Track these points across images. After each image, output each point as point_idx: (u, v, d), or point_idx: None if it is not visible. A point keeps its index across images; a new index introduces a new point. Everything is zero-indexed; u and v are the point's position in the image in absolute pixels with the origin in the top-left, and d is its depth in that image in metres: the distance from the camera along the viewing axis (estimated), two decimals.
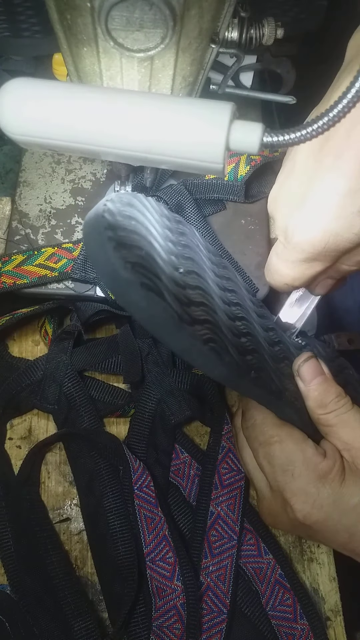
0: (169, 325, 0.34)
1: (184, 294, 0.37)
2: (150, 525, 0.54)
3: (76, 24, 0.38)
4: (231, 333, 0.40)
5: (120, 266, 0.33)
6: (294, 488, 0.44)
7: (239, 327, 0.43)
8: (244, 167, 0.63)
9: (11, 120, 0.38)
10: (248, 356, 0.40)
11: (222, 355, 0.36)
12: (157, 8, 0.35)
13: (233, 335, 0.40)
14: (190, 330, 0.34)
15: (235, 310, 0.45)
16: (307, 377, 0.47)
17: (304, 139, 0.36)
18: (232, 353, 0.37)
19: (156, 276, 0.34)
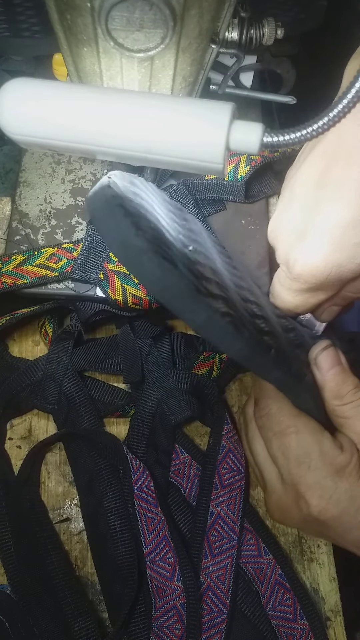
0: (186, 295, 0.32)
1: (196, 268, 0.35)
2: (150, 526, 0.54)
3: (76, 24, 0.38)
4: (246, 312, 0.38)
5: (132, 233, 0.31)
6: (309, 481, 0.43)
7: (253, 309, 0.41)
8: (244, 167, 0.63)
9: (11, 120, 0.38)
10: (265, 336, 0.38)
11: (241, 330, 0.34)
12: (157, 8, 0.36)
13: (248, 314, 0.39)
14: (208, 302, 0.32)
15: (245, 293, 0.43)
16: (325, 366, 0.46)
17: (304, 139, 0.36)
18: (251, 330, 0.35)
19: (167, 247, 0.33)
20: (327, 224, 0.42)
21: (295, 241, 0.44)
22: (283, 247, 0.46)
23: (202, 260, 0.38)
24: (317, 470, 0.43)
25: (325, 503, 0.42)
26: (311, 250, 0.43)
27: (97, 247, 0.59)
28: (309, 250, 0.43)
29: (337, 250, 0.42)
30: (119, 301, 0.57)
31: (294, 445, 0.44)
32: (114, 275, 0.57)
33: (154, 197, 0.41)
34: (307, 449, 0.43)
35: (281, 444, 0.44)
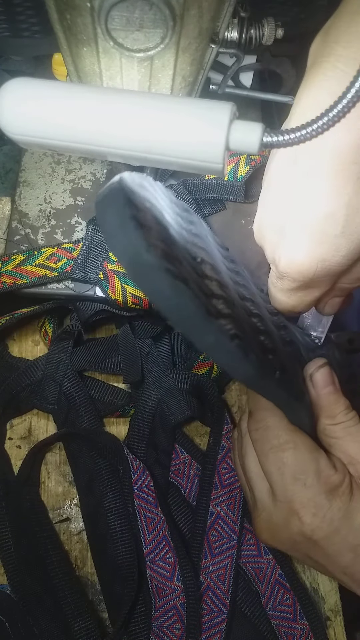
0: (196, 317, 0.31)
1: (204, 284, 0.34)
2: (150, 525, 0.54)
3: (76, 24, 0.38)
4: (251, 330, 0.38)
5: (143, 248, 0.29)
6: (304, 499, 0.42)
7: (256, 324, 0.40)
8: (244, 167, 0.63)
9: (11, 120, 0.38)
10: (269, 355, 0.38)
11: (248, 352, 0.33)
12: (157, 8, 0.35)
13: (253, 331, 0.38)
14: (218, 324, 0.31)
15: (248, 305, 0.42)
16: (321, 383, 0.46)
17: (304, 139, 0.36)
18: (256, 351, 0.35)
19: (179, 262, 0.31)
20: (303, 219, 0.40)
21: (278, 239, 0.43)
22: (268, 246, 0.45)
23: (209, 273, 0.37)
24: (312, 487, 0.42)
25: (319, 521, 0.41)
26: (293, 247, 0.41)
27: (96, 247, 0.59)
28: (290, 247, 0.41)
29: (318, 244, 0.40)
30: (119, 301, 0.57)
31: (290, 461, 0.43)
32: (113, 275, 0.57)
33: (163, 200, 0.40)
34: (304, 466, 0.42)
35: (277, 458, 0.43)
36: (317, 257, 0.41)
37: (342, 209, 0.39)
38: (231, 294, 0.38)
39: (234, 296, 0.38)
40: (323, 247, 0.41)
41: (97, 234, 0.60)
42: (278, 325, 0.47)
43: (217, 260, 0.41)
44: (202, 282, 0.34)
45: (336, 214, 0.39)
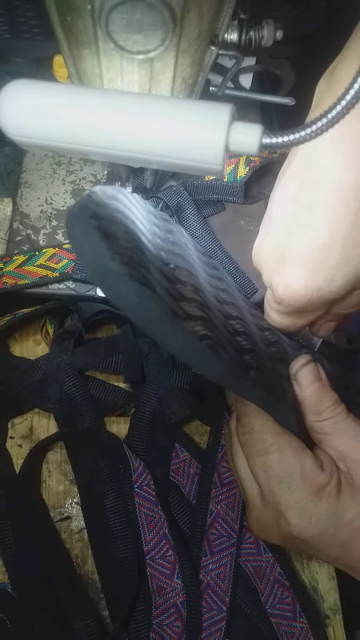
0: (162, 320, 0.31)
1: (176, 288, 0.35)
2: (151, 524, 0.54)
3: (77, 25, 0.38)
4: (227, 331, 0.38)
5: (107, 257, 0.30)
6: (290, 501, 0.42)
7: (234, 326, 0.41)
8: (243, 168, 0.63)
9: (12, 121, 0.38)
10: (245, 355, 0.38)
11: (220, 352, 0.34)
12: (157, 10, 0.36)
13: (229, 333, 0.39)
14: (185, 326, 0.32)
15: (228, 308, 0.44)
16: (305, 381, 0.46)
17: (303, 140, 0.36)
18: (230, 351, 0.35)
19: (146, 269, 0.32)
20: (302, 249, 0.42)
21: (276, 266, 0.45)
22: (266, 271, 0.47)
23: (183, 278, 0.38)
24: (297, 490, 0.42)
25: (305, 523, 0.42)
26: (290, 275, 0.43)
27: None
28: (288, 275, 0.43)
29: (314, 274, 0.42)
30: None
31: (275, 464, 0.43)
32: None
33: (138, 210, 0.41)
34: (289, 469, 0.43)
35: (263, 462, 0.44)
36: (313, 286, 0.43)
37: (340, 240, 0.41)
38: (207, 297, 0.39)
39: (209, 300, 0.39)
40: (319, 276, 0.42)
41: None
42: (261, 327, 0.48)
43: (195, 266, 0.42)
44: (172, 287, 0.35)
45: (334, 245, 0.41)
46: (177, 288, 0.35)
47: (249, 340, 0.41)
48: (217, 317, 0.38)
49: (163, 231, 0.42)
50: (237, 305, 0.45)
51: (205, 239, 0.60)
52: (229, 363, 0.34)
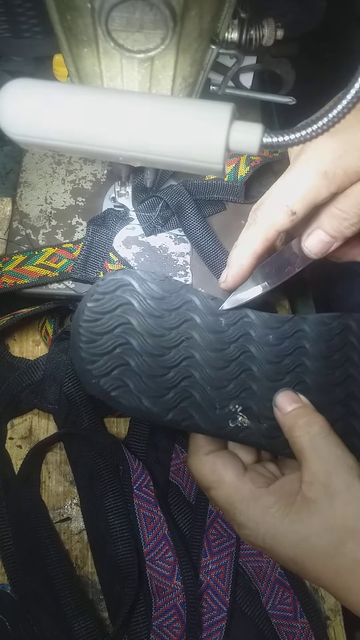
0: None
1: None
2: (150, 525, 0.54)
3: (76, 24, 0.38)
4: (151, 378, 0.45)
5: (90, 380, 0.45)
6: (237, 523, 0.45)
7: (166, 374, 0.46)
8: (244, 168, 0.63)
9: (12, 120, 0.38)
10: (169, 392, 0.45)
11: (120, 401, 0.44)
12: (158, 9, 0.36)
13: (153, 378, 0.45)
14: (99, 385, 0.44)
15: (180, 354, 0.47)
16: (284, 404, 0.47)
17: (304, 140, 0.36)
18: (145, 394, 0.45)
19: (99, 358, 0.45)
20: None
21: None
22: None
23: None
24: (241, 514, 0.44)
25: (253, 540, 0.44)
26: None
27: (97, 247, 0.59)
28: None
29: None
30: None
31: (216, 499, 0.46)
32: None
33: (148, 293, 0.48)
34: (229, 499, 0.45)
35: (210, 496, 0.47)
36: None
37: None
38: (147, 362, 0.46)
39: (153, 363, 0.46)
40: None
41: (97, 234, 0.60)
42: (222, 345, 0.49)
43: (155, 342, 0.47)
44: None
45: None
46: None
47: (180, 377, 0.47)
48: (144, 366, 0.46)
49: (158, 312, 0.48)
50: (193, 339, 0.48)
51: (206, 239, 0.60)
52: (133, 409, 0.45)
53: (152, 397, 0.45)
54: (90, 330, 0.45)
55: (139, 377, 0.45)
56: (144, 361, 0.45)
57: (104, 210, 0.63)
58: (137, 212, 0.63)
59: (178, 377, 0.46)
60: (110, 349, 0.45)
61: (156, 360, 0.46)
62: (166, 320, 0.48)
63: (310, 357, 0.51)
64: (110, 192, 0.65)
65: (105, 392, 0.44)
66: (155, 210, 0.62)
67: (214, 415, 0.46)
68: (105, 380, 0.44)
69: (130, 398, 0.44)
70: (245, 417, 0.47)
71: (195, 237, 0.60)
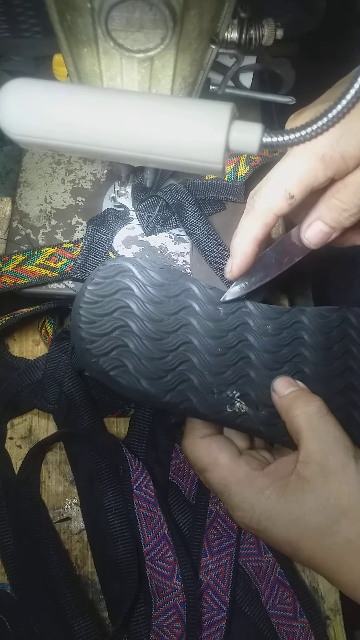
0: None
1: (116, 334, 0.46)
2: (150, 525, 0.54)
3: (76, 24, 0.38)
4: (149, 359, 0.45)
5: (82, 342, 0.45)
6: (231, 505, 0.45)
7: (164, 356, 0.46)
8: (244, 168, 0.63)
9: (11, 120, 0.38)
10: (166, 375, 0.46)
11: (119, 378, 0.44)
12: (157, 9, 0.36)
13: (153, 360, 0.46)
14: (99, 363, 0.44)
15: (179, 339, 0.48)
16: (281, 388, 0.48)
17: (304, 140, 0.36)
18: (144, 374, 0.45)
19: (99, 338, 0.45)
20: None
21: None
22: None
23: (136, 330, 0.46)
24: (236, 496, 0.45)
25: (247, 522, 0.44)
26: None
27: (97, 246, 0.59)
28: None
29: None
30: None
31: (211, 480, 0.46)
32: None
33: (148, 280, 0.48)
34: (223, 481, 0.46)
35: (204, 479, 0.48)
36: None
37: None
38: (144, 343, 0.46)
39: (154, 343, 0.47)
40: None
41: (97, 234, 0.60)
42: (221, 333, 0.50)
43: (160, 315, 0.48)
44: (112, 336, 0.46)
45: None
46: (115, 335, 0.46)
47: (178, 361, 0.47)
48: (143, 350, 0.46)
49: (156, 289, 0.49)
50: (198, 334, 0.49)
51: (207, 236, 0.60)
52: (132, 389, 0.45)
53: (151, 378, 0.45)
54: (90, 311, 0.45)
55: (138, 358, 0.45)
56: (143, 344, 0.46)
57: (104, 210, 0.63)
58: (136, 211, 0.63)
59: (176, 361, 0.46)
60: (109, 330, 0.45)
61: (154, 343, 0.46)
62: (165, 307, 0.48)
63: (309, 348, 0.51)
64: (110, 192, 0.65)
65: (104, 371, 0.44)
66: (155, 210, 0.62)
67: (212, 400, 0.46)
68: (104, 360, 0.44)
69: (129, 378, 0.44)
70: (243, 403, 0.47)
71: (195, 235, 0.60)
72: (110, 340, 0.45)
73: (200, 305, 0.50)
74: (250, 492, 0.44)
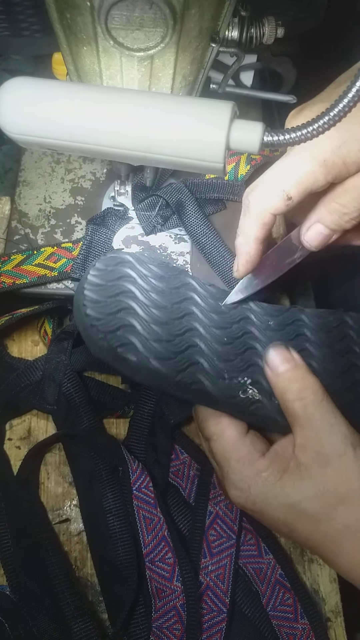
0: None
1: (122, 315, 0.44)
2: (149, 526, 0.53)
3: (76, 22, 0.38)
4: (157, 339, 0.44)
5: (86, 321, 0.43)
6: (229, 482, 0.45)
7: (171, 338, 0.45)
8: (245, 167, 0.63)
9: (11, 119, 0.38)
10: (175, 357, 0.44)
11: (127, 355, 0.42)
12: (157, 7, 0.35)
13: (161, 341, 0.44)
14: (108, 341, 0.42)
15: (186, 323, 0.47)
16: (275, 363, 0.47)
17: (305, 139, 0.36)
18: (152, 353, 0.43)
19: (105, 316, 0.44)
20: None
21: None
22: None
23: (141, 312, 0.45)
24: (234, 473, 0.45)
25: (243, 501, 0.45)
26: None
27: (96, 246, 0.59)
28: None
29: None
30: None
31: (215, 450, 0.46)
32: None
33: (148, 271, 0.49)
34: (226, 454, 0.46)
35: (209, 447, 0.47)
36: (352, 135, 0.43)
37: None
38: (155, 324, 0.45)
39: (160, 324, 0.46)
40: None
41: (96, 233, 0.60)
42: (225, 324, 0.49)
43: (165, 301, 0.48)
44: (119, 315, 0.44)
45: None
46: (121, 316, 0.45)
47: (185, 342, 0.46)
48: (153, 330, 0.45)
49: (158, 288, 0.48)
50: (203, 322, 0.48)
51: (207, 236, 0.60)
52: (141, 367, 0.43)
53: (160, 358, 0.43)
54: (94, 292, 0.44)
55: (145, 339, 0.44)
56: (149, 326, 0.45)
57: (104, 210, 0.63)
58: (136, 211, 0.62)
59: (184, 344, 0.45)
60: (114, 310, 0.44)
61: (161, 327, 0.45)
62: (167, 296, 0.48)
63: (313, 344, 0.51)
64: (110, 191, 0.65)
65: (112, 348, 0.42)
66: (155, 210, 0.62)
67: (223, 384, 0.45)
68: (111, 337, 0.42)
69: (138, 355, 0.43)
70: (256, 390, 0.46)
71: (196, 234, 0.60)
72: (116, 320, 0.43)
73: (201, 298, 0.49)
74: (249, 472, 0.44)
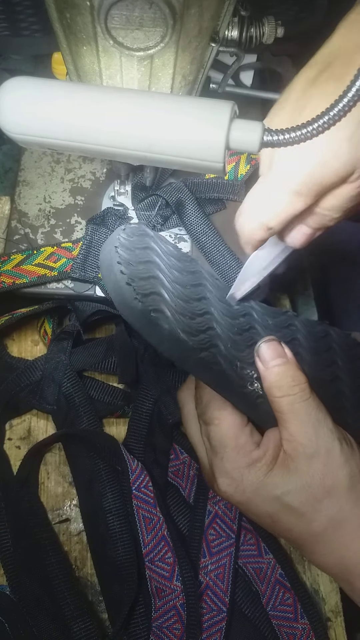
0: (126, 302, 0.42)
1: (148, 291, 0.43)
2: (149, 526, 0.53)
3: (76, 22, 0.38)
4: (183, 315, 0.44)
5: (132, 297, 0.41)
6: (221, 469, 0.46)
7: (196, 315, 0.46)
8: (244, 166, 0.63)
9: (10, 119, 0.38)
10: (200, 335, 0.44)
11: (161, 324, 0.41)
12: (157, 7, 0.35)
13: (186, 316, 0.44)
14: (140, 304, 0.41)
15: (201, 305, 0.47)
16: (266, 357, 0.47)
17: (304, 138, 0.36)
18: (181, 327, 0.42)
19: (136, 280, 0.42)
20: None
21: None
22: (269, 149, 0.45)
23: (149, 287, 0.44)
24: (229, 461, 0.45)
25: (232, 490, 0.45)
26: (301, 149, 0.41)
27: (96, 246, 0.59)
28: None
29: (324, 145, 0.41)
30: None
31: (213, 435, 0.47)
32: None
33: (167, 250, 0.49)
34: (224, 441, 0.46)
35: (207, 431, 0.47)
36: (319, 159, 0.42)
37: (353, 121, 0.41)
38: (178, 299, 0.45)
39: (181, 300, 0.46)
40: (327, 148, 0.42)
41: (96, 233, 0.60)
42: (237, 315, 0.50)
43: (182, 281, 0.48)
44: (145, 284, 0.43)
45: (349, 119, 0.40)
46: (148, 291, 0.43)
47: (205, 324, 0.46)
48: (181, 307, 0.44)
49: (178, 267, 0.49)
50: (212, 302, 0.49)
51: (207, 234, 0.60)
52: (169, 336, 0.42)
53: (187, 332, 0.43)
54: (126, 252, 0.44)
55: (174, 310, 0.43)
56: (176, 300, 0.44)
57: (103, 209, 0.63)
58: (136, 211, 0.62)
59: (204, 325, 0.45)
60: (145, 276, 0.43)
61: (185, 303, 0.45)
62: (185, 277, 0.48)
63: (305, 350, 0.52)
64: (110, 191, 0.65)
65: (146, 311, 0.41)
66: (155, 209, 0.61)
67: (235, 373, 0.46)
68: (146, 300, 0.41)
69: (169, 324, 0.42)
70: (260, 385, 0.47)
71: (196, 233, 0.60)
72: (149, 284, 0.42)
73: (212, 287, 0.50)
74: (244, 462, 0.45)
